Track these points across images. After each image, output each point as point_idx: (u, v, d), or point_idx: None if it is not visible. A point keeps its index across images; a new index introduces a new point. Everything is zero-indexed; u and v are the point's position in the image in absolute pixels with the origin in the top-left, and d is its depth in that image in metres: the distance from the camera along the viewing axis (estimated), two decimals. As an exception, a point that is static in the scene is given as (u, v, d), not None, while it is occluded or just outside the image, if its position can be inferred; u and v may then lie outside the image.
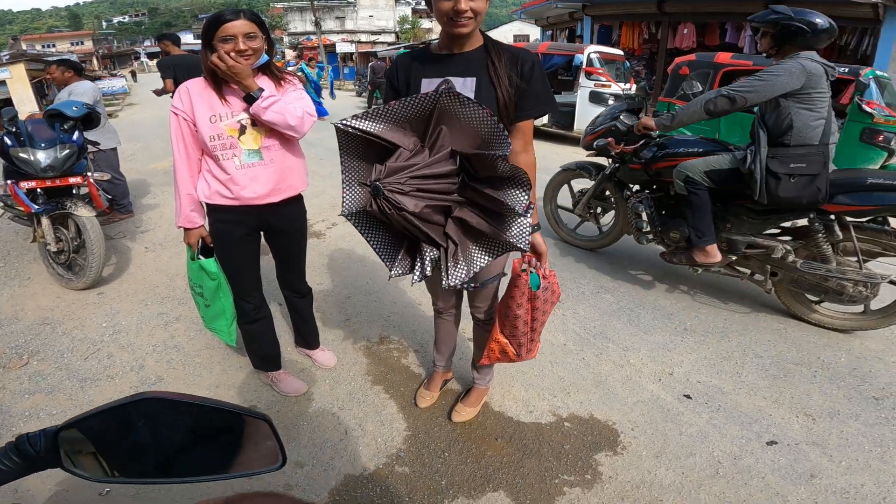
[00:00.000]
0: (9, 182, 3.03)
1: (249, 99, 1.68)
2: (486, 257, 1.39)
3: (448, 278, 1.36)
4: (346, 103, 16.21)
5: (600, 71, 7.79)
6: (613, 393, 2.24)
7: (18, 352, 2.59)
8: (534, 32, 22.29)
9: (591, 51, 7.95)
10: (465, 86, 1.47)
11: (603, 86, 7.71)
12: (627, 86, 8.07)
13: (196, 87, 1.73)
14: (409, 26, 44.76)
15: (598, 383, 2.31)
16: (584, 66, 7.72)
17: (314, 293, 2.35)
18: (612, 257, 3.70)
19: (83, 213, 3.05)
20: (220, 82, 1.71)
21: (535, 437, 1.98)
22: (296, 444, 1.95)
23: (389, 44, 33.69)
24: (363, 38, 37.95)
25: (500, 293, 1.73)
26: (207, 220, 1.89)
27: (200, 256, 1.88)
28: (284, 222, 1.99)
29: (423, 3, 1.46)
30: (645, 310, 2.96)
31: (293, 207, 1.99)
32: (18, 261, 3.73)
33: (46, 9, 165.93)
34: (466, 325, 2.41)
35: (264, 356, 2.19)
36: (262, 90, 1.68)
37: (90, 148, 3.82)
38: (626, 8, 12.77)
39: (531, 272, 1.58)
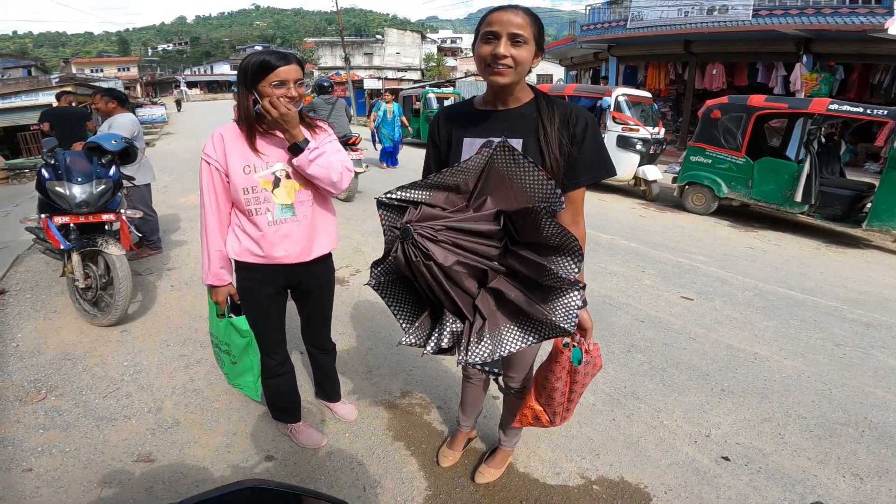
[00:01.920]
0: (43, 216, 3.06)
1: (295, 149, 1.61)
2: (521, 341, 1.20)
3: (467, 354, 1.18)
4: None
5: (628, 116, 7.77)
6: (645, 455, 2.15)
7: (37, 385, 2.58)
8: (557, 72, 22.66)
9: (619, 93, 7.95)
10: None
11: (631, 130, 7.67)
12: (655, 129, 8.01)
13: (229, 134, 1.68)
14: (433, 64, 46.15)
15: (629, 445, 2.21)
16: (611, 109, 7.71)
17: (336, 343, 2.28)
18: (643, 315, 3.56)
19: (113, 251, 3.06)
20: (253, 130, 1.66)
21: (561, 501, 1.90)
22: None
23: (415, 81, 34.69)
24: (390, 74, 39.20)
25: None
26: (235, 277, 1.85)
27: (231, 314, 1.82)
28: (313, 282, 1.94)
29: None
30: (679, 370, 2.84)
31: (323, 266, 1.94)
32: (46, 292, 3.77)
33: (98, 33, 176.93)
34: (494, 385, 2.29)
35: (285, 409, 2.14)
36: (307, 141, 1.63)
37: (125, 183, 3.89)
38: (651, 48, 12.89)
39: (574, 347, 1.48)
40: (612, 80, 13.79)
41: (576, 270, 1.13)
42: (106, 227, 3.22)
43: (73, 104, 7.75)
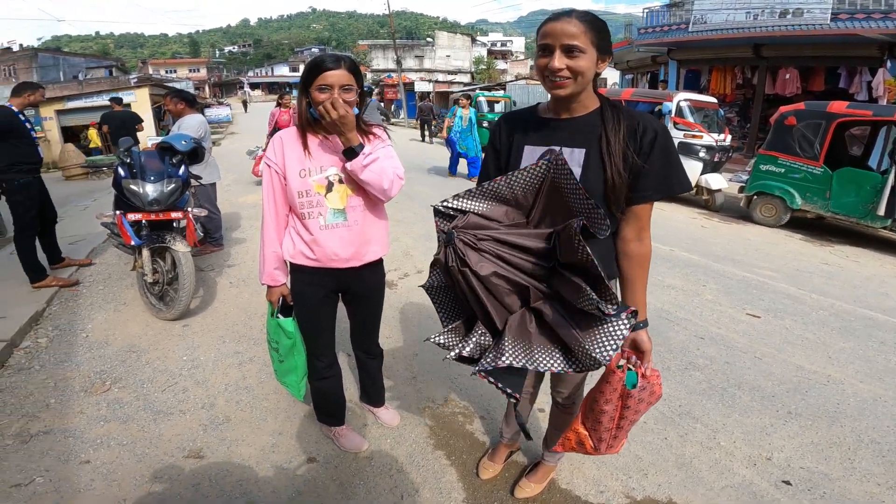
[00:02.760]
0: (117, 213, 3.26)
1: (350, 154, 1.60)
2: (554, 364, 1.14)
3: (482, 365, 1.13)
4: (428, 147, 16.52)
5: (691, 121, 7.39)
6: (698, 476, 2.05)
7: (102, 377, 2.72)
8: (612, 76, 22.00)
9: (682, 98, 7.58)
10: (573, 158, 1.29)
11: (694, 136, 7.28)
12: (721, 136, 7.57)
13: (289, 138, 1.70)
14: (483, 67, 46.07)
15: (680, 465, 2.11)
16: (672, 114, 7.35)
17: (382, 346, 2.28)
18: (704, 332, 3.35)
19: (180, 248, 3.22)
20: (307, 134, 1.68)
21: None
22: (350, 503, 1.89)
23: (465, 84, 34.73)
24: (440, 76, 39.47)
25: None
26: (289, 279, 1.88)
27: (279, 315, 1.86)
28: (364, 287, 1.94)
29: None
30: (741, 391, 2.68)
31: (373, 272, 1.94)
32: (117, 285, 4.02)
33: (172, 35, 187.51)
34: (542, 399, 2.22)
35: (330, 412, 2.16)
36: (362, 146, 1.62)
37: (192, 182, 4.08)
38: (717, 52, 12.26)
39: (629, 369, 1.37)
40: (672, 85, 13.22)
41: (611, 308, 1.05)
42: (174, 224, 3.38)
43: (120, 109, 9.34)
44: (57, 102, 13.64)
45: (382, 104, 15.87)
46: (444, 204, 1.21)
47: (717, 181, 7.26)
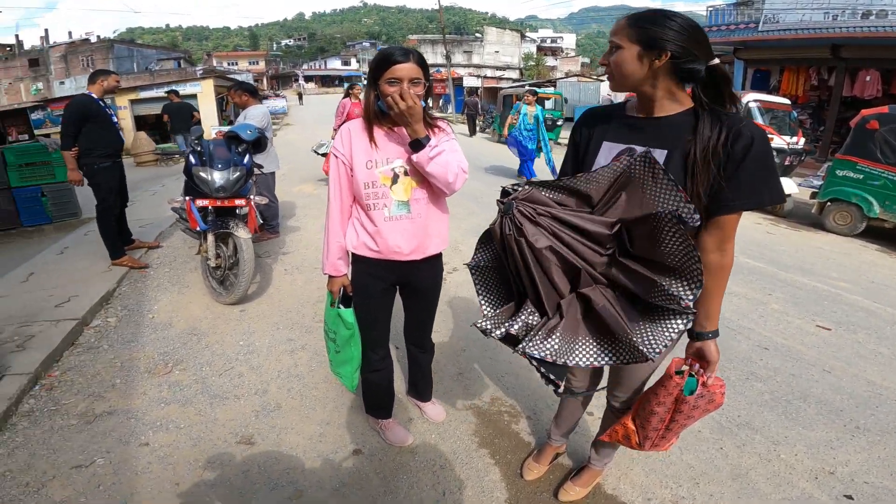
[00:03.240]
0: (187, 198, 3.42)
1: (416, 145, 1.60)
2: (594, 358, 1.12)
3: (528, 344, 1.13)
4: (476, 142, 16.43)
5: (761, 123, 6.95)
6: (754, 488, 1.97)
7: (165, 359, 2.84)
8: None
9: (751, 98, 7.14)
10: None
11: (764, 139, 6.88)
12: (794, 139, 7.08)
13: (357, 129, 1.71)
14: (533, 63, 45.34)
15: (735, 476, 2.03)
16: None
17: (432, 341, 2.29)
18: (768, 342, 3.15)
19: (242, 234, 3.34)
20: (373, 125, 1.68)
21: None
22: (392, 497, 1.89)
23: (514, 80, 34.30)
24: (489, 72, 39.16)
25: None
26: (350, 269, 1.90)
27: (340, 305, 1.88)
28: (422, 280, 1.94)
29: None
30: (807, 403, 2.54)
31: (433, 265, 1.93)
32: (182, 268, 4.23)
33: (234, 28, 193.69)
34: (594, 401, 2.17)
35: (379, 404, 2.18)
36: (428, 137, 1.61)
37: (255, 171, 4.23)
38: (789, 52, 11.52)
39: (690, 375, 1.32)
40: (738, 85, 12.54)
41: (690, 297, 1.04)
42: (237, 211, 3.51)
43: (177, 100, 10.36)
44: (131, 92, 14.59)
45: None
46: (514, 185, 1.20)
47: (787, 185, 6.80)
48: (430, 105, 1.83)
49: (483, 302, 1.35)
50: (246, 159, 3.58)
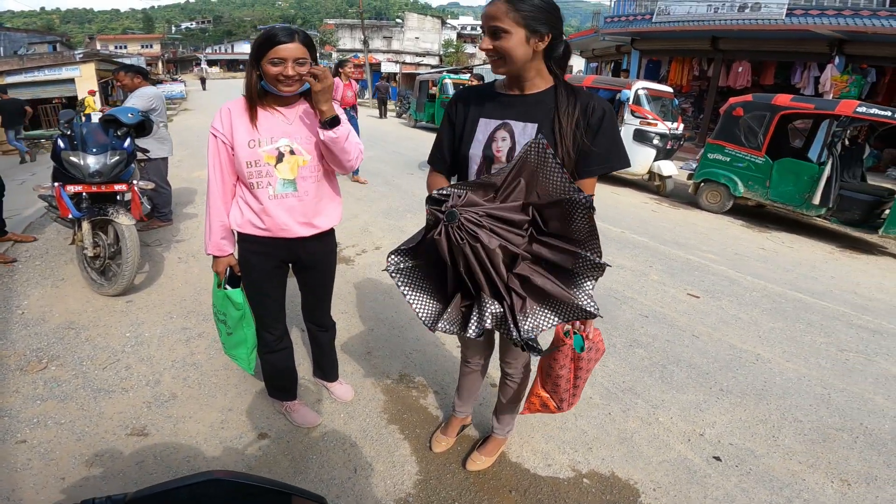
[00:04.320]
0: (56, 185, 3.10)
1: (333, 122, 1.60)
2: (546, 321, 1.25)
3: (520, 332, 1.23)
4: (389, 126, 16.44)
5: (647, 110, 7.61)
6: (638, 451, 2.15)
7: (39, 355, 2.61)
8: (577, 64, 22.32)
9: (640, 87, 7.77)
10: (525, 132, 1.37)
11: (649, 124, 7.52)
12: (674, 125, 7.84)
13: (237, 109, 1.69)
14: (452, 50, 45.68)
15: (622, 440, 2.21)
16: (630, 102, 7.56)
17: (337, 322, 2.29)
18: (648, 310, 3.52)
19: (123, 221, 3.09)
20: (256, 106, 1.66)
21: (550, 493, 1.91)
22: (303, 477, 1.90)
23: (433, 66, 34.36)
24: (408, 59, 38.88)
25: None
26: (237, 249, 1.86)
27: (227, 286, 1.84)
28: (314, 258, 1.93)
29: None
30: (679, 367, 2.83)
31: (324, 242, 1.93)
32: (55, 260, 3.82)
33: (124, 10, 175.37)
34: (492, 374, 2.29)
35: (281, 386, 2.15)
36: (338, 118, 1.62)
37: (139, 155, 3.92)
38: (677, 44, 12.62)
39: (575, 334, 1.48)
40: (634, 74, 13.54)
41: (601, 261, 1.20)
42: (118, 197, 3.25)
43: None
44: (-5, 78, 12.82)
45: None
46: (439, 192, 1.25)
47: (668, 168, 7.55)
48: None
49: (414, 302, 1.36)
50: (127, 143, 3.32)
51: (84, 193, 3.12)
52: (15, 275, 3.54)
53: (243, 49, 63.54)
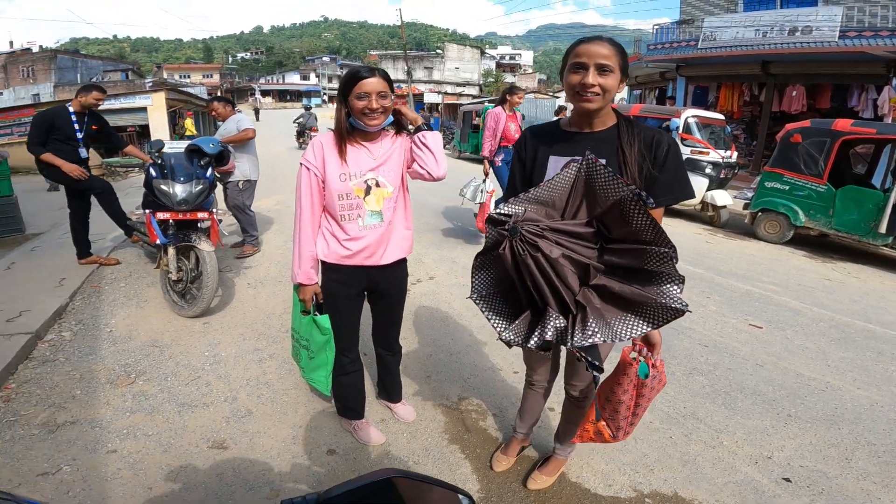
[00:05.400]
0: (147, 211, 3.38)
1: (422, 127, 1.85)
2: (636, 328, 1.24)
3: (572, 340, 1.23)
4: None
5: (698, 138, 7.49)
6: (702, 473, 2.14)
7: (127, 370, 2.81)
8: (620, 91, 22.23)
9: (689, 115, 7.68)
10: None
11: (700, 152, 7.38)
12: (727, 153, 7.65)
13: (328, 143, 1.81)
14: (492, 80, 46.50)
15: (685, 462, 2.20)
16: (679, 130, 7.47)
17: (399, 346, 2.39)
18: (707, 340, 3.44)
19: (205, 247, 3.33)
20: (345, 140, 1.80)
21: None
22: None
23: (473, 96, 35.00)
24: (449, 89, 39.86)
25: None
26: (321, 277, 1.98)
27: (316, 312, 1.94)
28: (390, 285, 2.05)
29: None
30: (743, 394, 2.78)
31: (400, 270, 2.05)
32: (139, 283, 4.13)
33: (187, 40, 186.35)
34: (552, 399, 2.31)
35: (351, 406, 2.24)
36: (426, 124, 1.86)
37: (239, 176, 4.28)
38: (725, 69, 12.40)
39: (641, 361, 1.49)
40: (680, 101, 13.36)
41: (674, 253, 1.17)
42: (199, 224, 3.50)
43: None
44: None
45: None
46: (497, 212, 1.31)
47: (722, 197, 7.35)
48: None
49: (495, 323, 1.41)
50: (208, 172, 3.59)
51: (171, 220, 3.37)
52: (102, 296, 3.86)
53: (293, 79, 66.29)
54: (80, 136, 4.07)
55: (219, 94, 49.50)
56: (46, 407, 2.45)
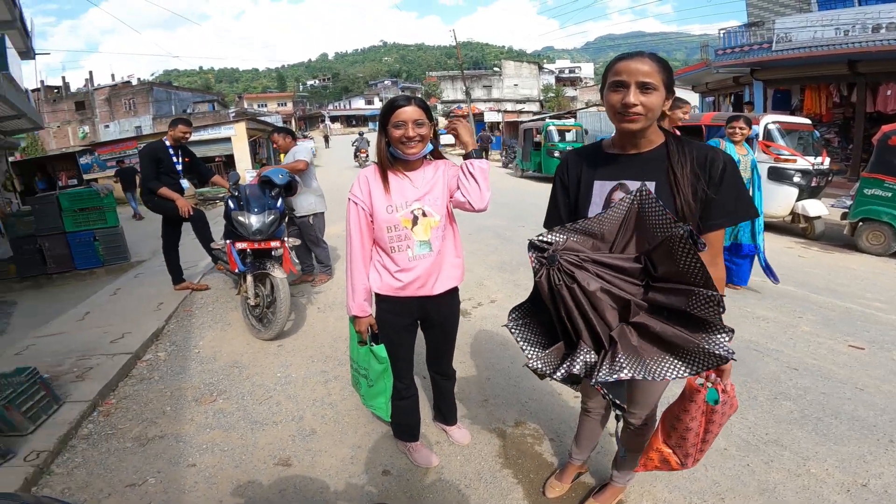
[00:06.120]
0: (227, 241, 3.69)
1: (472, 154, 1.82)
2: (672, 370, 1.17)
3: (598, 375, 1.18)
4: (495, 176, 16.58)
5: (781, 145, 6.91)
6: (783, 502, 1.97)
7: (210, 389, 3.05)
8: (691, 99, 21.10)
9: (769, 121, 7.10)
10: None
11: (786, 160, 6.76)
12: (818, 159, 6.94)
13: (373, 175, 1.84)
14: (552, 95, 45.97)
15: (763, 491, 2.03)
16: (759, 138, 6.93)
17: (456, 371, 2.39)
18: (797, 363, 3.14)
19: (278, 274, 3.56)
20: (387, 170, 1.84)
21: None
22: None
23: (534, 112, 34.73)
24: (508, 106, 39.89)
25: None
26: (375, 308, 2.02)
27: (373, 343, 1.99)
28: (442, 314, 2.07)
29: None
30: (838, 420, 2.52)
31: (451, 299, 2.07)
32: (224, 307, 4.49)
33: (262, 69, 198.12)
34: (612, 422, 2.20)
35: (406, 428, 2.28)
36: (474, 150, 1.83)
37: (308, 210, 4.49)
38: (806, 70, 11.49)
39: (709, 387, 1.39)
40: (759, 106, 12.49)
41: (719, 296, 1.10)
42: (272, 252, 3.73)
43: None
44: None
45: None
46: (540, 238, 1.29)
47: (815, 208, 6.67)
48: (439, 143, 1.99)
49: (527, 350, 1.40)
50: (279, 203, 3.81)
51: (248, 249, 3.64)
52: (193, 319, 4.24)
53: (359, 104, 68.03)
54: (179, 168, 4.47)
55: (293, 122, 52.20)
56: (140, 422, 2.71)
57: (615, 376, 1.15)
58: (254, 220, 3.62)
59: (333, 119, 61.20)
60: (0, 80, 6.93)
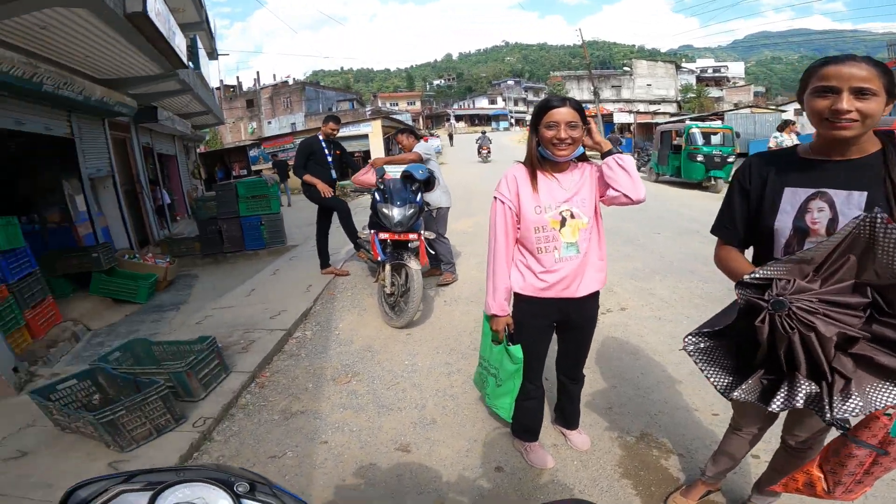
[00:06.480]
0: (372, 231, 4.00)
1: (610, 152, 1.82)
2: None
3: (832, 411, 1.12)
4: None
5: None
6: None
7: (346, 370, 3.32)
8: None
9: None
10: (851, 201, 1.24)
11: None
12: None
13: (521, 175, 1.83)
14: (692, 95, 42.00)
15: None
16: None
17: (583, 375, 2.36)
18: None
19: (413, 265, 3.79)
20: (536, 171, 1.82)
21: None
22: None
23: (671, 114, 32.00)
24: (641, 107, 37.32)
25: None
26: (513, 309, 2.03)
27: (509, 343, 2.01)
28: (583, 317, 2.05)
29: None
30: None
31: (592, 302, 2.04)
32: (361, 293, 4.92)
33: (394, 69, 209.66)
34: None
35: (527, 428, 2.30)
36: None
37: (432, 205, 4.68)
38: None
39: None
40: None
41: None
42: (409, 244, 3.96)
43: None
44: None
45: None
46: (752, 276, 1.19)
47: None
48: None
49: (709, 374, 1.33)
50: (418, 197, 4.01)
51: (389, 240, 3.91)
52: (335, 302, 4.73)
53: (482, 104, 68.38)
54: (330, 160, 5.08)
55: (420, 120, 54.22)
56: (287, 396, 3.01)
57: (851, 414, 1.11)
58: (396, 213, 3.85)
59: (458, 118, 61.96)
60: (195, 78, 7.96)
